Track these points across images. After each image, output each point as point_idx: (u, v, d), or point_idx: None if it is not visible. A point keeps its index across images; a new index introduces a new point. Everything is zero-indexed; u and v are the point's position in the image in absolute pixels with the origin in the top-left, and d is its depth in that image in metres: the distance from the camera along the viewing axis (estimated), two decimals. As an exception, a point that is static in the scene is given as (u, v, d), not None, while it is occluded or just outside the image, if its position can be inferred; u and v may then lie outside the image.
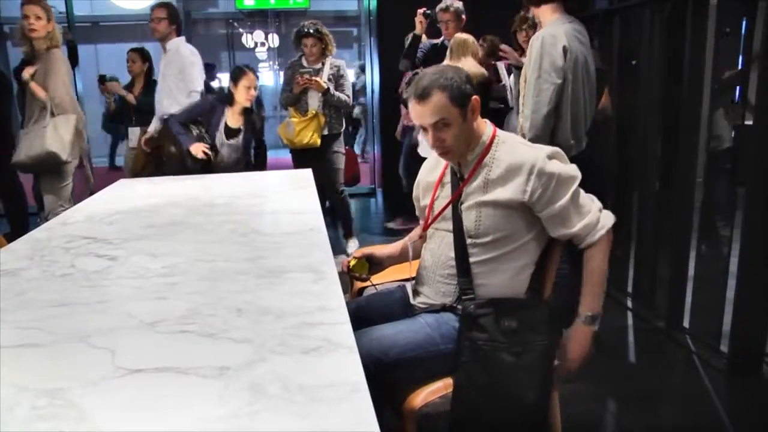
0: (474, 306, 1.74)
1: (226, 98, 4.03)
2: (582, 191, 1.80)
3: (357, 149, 8.87)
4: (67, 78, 3.76)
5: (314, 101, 4.42)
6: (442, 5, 4.47)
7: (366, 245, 3.44)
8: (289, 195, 2.81)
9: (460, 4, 4.46)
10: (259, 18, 11.82)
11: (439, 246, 1.90)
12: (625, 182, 3.69)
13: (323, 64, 4.46)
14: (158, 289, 1.59)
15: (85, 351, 1.23)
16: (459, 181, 1.86)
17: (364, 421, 0.95)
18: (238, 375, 1.10)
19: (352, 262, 2.04)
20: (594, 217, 1.78)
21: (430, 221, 1.94)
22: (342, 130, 4.61)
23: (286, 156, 4.84)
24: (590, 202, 1.81)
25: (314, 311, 1.38)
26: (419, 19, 4.45)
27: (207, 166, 3.92)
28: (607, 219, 1.80)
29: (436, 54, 4.36)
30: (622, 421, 2.53)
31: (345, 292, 1.58)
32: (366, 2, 7.21)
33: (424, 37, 4.56)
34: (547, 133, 2.63)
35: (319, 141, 4.42)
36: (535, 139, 2.63)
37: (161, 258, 1.85)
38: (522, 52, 3.62)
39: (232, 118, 4.03)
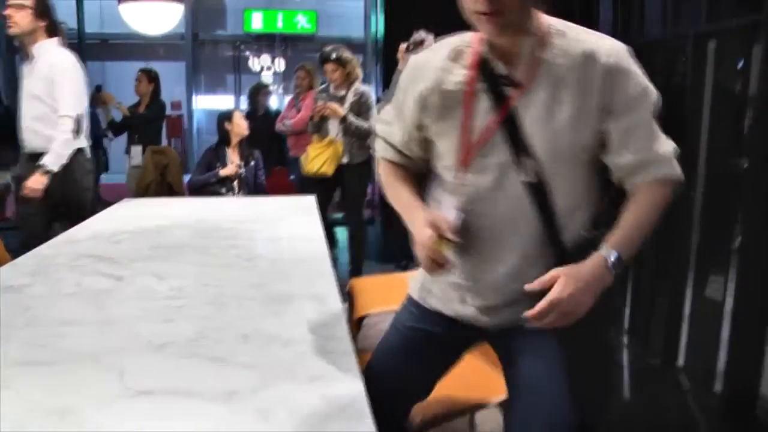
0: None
1: (223, 139, 4.18)
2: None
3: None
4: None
5: (333, 129, 4.39)
6: (415, 38, 4.46)
7: (369, 274, 3.48)
8: (293, 222, 2.85)
9: (431, 38, 4.46)
10: (266, 42, 11.98)
11: (499, 199, 1.36)
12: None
13: (348, 90, 4.43)
14: (165, 311, 1.61)
15: (94, 370, 1.26)
16: (501, 85, 1.34)
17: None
18: (245, 400, 1.12)
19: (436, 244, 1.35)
20: (670, 150, 1.35)
21: (469, 153, 1.38)
22: (365, 159, 4.51)
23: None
24: (662, 135, 1.36)
25: (320, 340, 1.41)
26: (401, 55, 4.41)
27: (231, 191, 4.06)
28: (678, 170, 1.36)
29: None
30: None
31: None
32: (373, 29, 7.31)
33: None
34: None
35: (331, 171, 4.35)
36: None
37: (168, 280, 1.88)
38: None
39: (233, 154, 4.17)
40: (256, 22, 11.43)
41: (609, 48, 1.31)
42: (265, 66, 11.69)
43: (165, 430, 1.03)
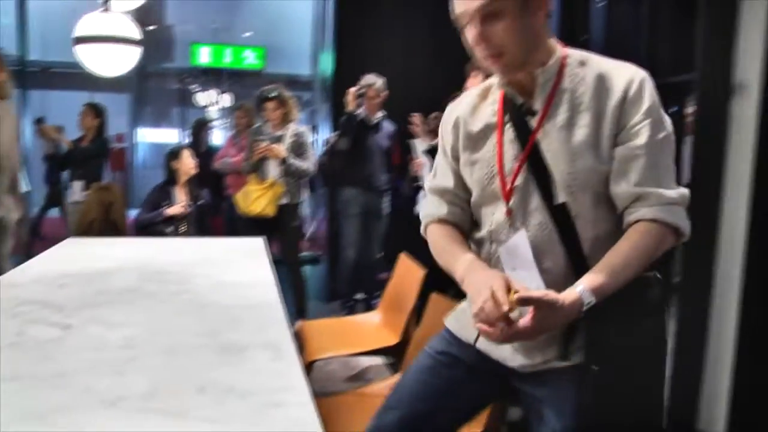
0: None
1: (171, 178, 4.19)
2: (671, 157, 1.35)
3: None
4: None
5: (273, 170, 4.36)
6: (367, 81, 4.53)
7: (319, 317, 3.48)
8: (243, 265, 2.83)
9: (381, 82, 4.55)
10: (212, 76, 11.93)
11: (527, 229, 1.39)
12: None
13: (285, 131, 4.41)
14: (117, 363, 1.58)
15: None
16: (526, 115, 1.40)
17: None
18: (204, 459, 1.11)
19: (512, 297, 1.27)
20: (670, 194, 1.31)
21: (509, 184, 1.41)
22: (301, 200, 4.56)
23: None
24: (672, 176, 1.34)
25: (278, 391, 1.41)
26: (351, 98, 4.45)
27: (177, 231, 4.01)
28: (685, 222, 1.33)
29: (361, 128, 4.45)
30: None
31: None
32: (324, 66, 7.38)
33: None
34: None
35: (273, 212, 4.32)
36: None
37: (118, 328, 1.84)
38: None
39: (180, 194, 4.13)
40: (204, 57, 11.38)
41: (627, 76, 1.34)
42: (212, 101, 11.62)
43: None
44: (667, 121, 1.36)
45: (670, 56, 3.01)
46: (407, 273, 2.95)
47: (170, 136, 12.11)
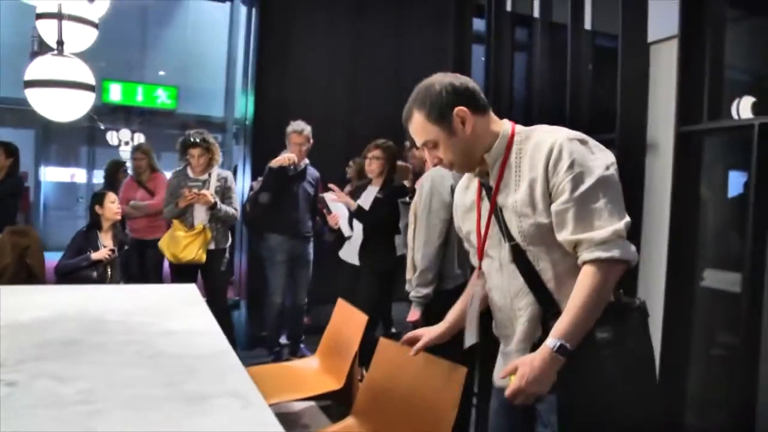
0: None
1: (94, 222, 4.14)
2: (607, 196, 1.54)
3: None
4: None
5: (200, 215, 4.35)
6: (295, 127, 4.59)
7: (245, 362, 3.46)
8: (183, 312, 2.81)
9: (309, 129, 4.64)
10: (123, 114, 11.64)
11: (503, 276, 1.71)
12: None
13: (210, 175, 4.44)
14: (79, 419, 1.56)
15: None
16: (489, 189, 1.71)
17: None
18: None
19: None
20: (601, 235, 1.51)
21: (481, 246, 1.75)
22: (228, 245, 4.55)
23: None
24: (608, 217, 1.52)
25: (255, 441, 1.45)
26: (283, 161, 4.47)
27: (103, 277, 3.90)
28: (623, 250, 1.52)
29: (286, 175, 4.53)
30: None
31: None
32: (243, 109, 7.39)
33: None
34: (437, 263, 2.88)
35: (204, 257, 4.31)
36: (426, 270, 2.88)
37: (71, 382, 1.81)
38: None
39: (105, 238, 4.05)
40: (115, 94, 11.11)
41: (551, 142, 1.58)
42: (123, 140, 11.33)
43: None
44: (597, 166, 1.55)
45: (591, 114, 3.27)
46: (347, 318, 3.02)
47: (78, 175, 11.68)
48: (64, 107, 2.49)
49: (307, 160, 4.64)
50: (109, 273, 3.94)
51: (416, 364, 2.21)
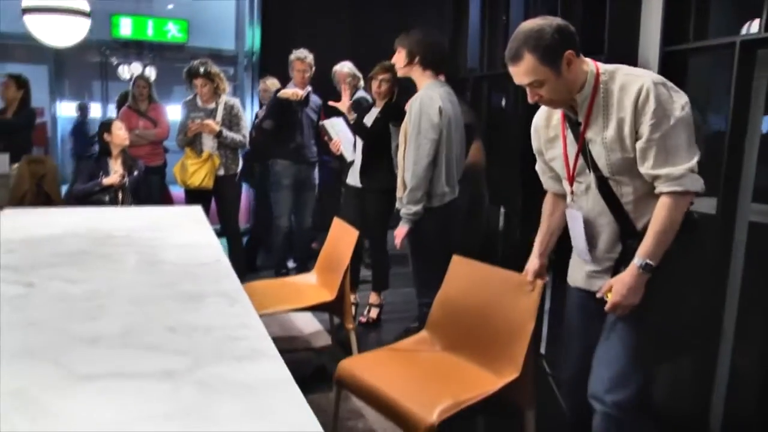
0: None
1: (104, 149, 4.26)
2: (683, 136, 1.76)
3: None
4: None
5: (208, 143, 4.50)
6: (298, 54, 4.66)
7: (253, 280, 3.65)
8: (187, 230, 2.99)
9: (311, 56, 4.71)
10: (134, 49, 11.66)
11: (588, 198, 1.96)
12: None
13: (217, 103, 4.55)
14: (88, 311, 1.75)
15: (33, 362, 1.39)
16: (577, 126, 1.90)
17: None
18: (184, 376, 1.33)
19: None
20: (677, 171, 1.75)
21: (572, 173, 1.97)
22: (238, 170, 4.70)
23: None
24: (684, 155, 1.76)
25: (237, 328, 1.63)
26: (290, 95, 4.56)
27: (114, 201, 4.07)
28: (694, 183, 1.77)
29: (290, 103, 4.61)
30: None
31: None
32: (250, 41, 7.41)
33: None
34: (426, 181, 3.02)
35: (212, 183, 4.48)
36: (415, 188, 3.01)
37: (80, 284, 2.00)
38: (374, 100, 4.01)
39: (115, 164, 4.20)
40: (125, 29, 11.09)
41: (637, 87, 1.76)
42: (135, 74, 11.38)
43: (113, 407, 1.20)
44: (676, 108, 1.76)
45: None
46: (341, 236, 3.19)
47: (93, 110, 11.81)
48: (60, 33, 2.60)
49: (309, 87, 4.73)
50: (120, 197, 4.12)
51: (492, 279, 2.35)
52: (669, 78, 2.63)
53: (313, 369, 3.33)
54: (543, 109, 2.06)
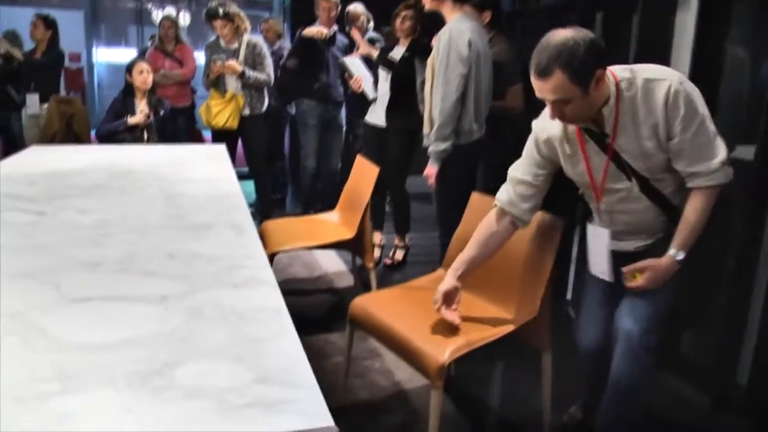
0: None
1: (129, 90, 4.23)
2: (711, 129, 1.75)
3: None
4: None
5: (232, 83, 4.44)
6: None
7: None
8: (206, 166, 2.96)
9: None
10: (169, -7, 11.60)
11: (629, 202, 1.88)
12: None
13: (240, 43, 4.48)
14: (93, 237, 1.74)
15: (32, 284, 1.38)
16: (602, 137, 1.82)
17: (288, 333, 1.17)
18: (176, 302, 1.29)
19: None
20: (711, 167, 1.74)
21: (601, 186, 1.90)
22: (263, 110, 4.63)
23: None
24: (715, 149, 1.75)
25: (240, 258, 1.59)
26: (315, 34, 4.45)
27: (140, 140, 4.08)
28: (725, 176, 1.77)
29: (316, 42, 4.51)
30: None
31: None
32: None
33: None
34: (454, 118, 2.91)
35: (236, 124, 4.44)
36: (443, 125, 2.90)
37: (91, 214, 1.99)
38: (397, 39, 3.88)
39: (140, 104, 4.18)
40: (159, -28, 11.05)
41: (663, 91, 1.71)
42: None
43: (101, 328, 1.18)
44: (699, 104, 1.73)
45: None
46: (362, 173, 3.12)
47: (129, 55, 11.85)
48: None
49: (335, 27, 4.61)
50: (146, 136, 4.10)
51: None
52: (710, 27, 2.48)
53: (332, 309, 3.33)
54: (559, 125, 1.91)
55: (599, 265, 1.98)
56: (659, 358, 1.94)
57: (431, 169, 2.99)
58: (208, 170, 2.83)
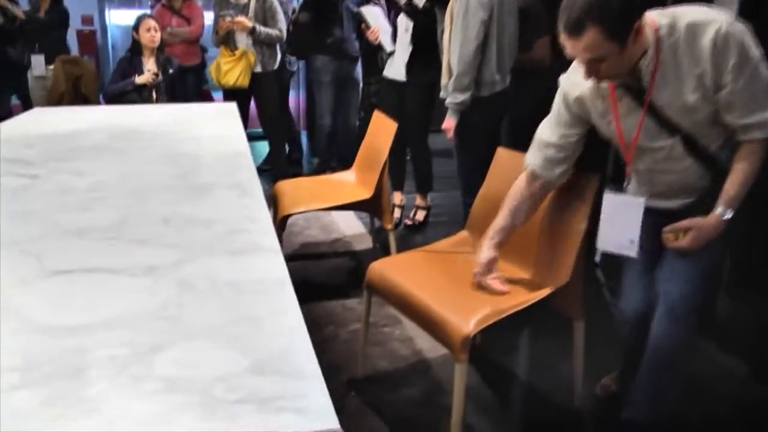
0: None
1: (136, 48, 4.06)
2: (765, 72, 1.55)
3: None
4: None
5: (242, 40, 4.24)
6: None
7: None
8: (214, 124, 2.81)
9: None
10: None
11: (669, 161, 1.69)
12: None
13: None
14: (85, 202, 1.60)
15: (12, 255, 1.25)
16: (639, 93, 1.63)
17: (290, 310, 1.02)
18: (166, 273, 1.15)
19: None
20: (764, 117, 1.55)
21: (633, 143, 1.70)
22: (276, 66, 4.43)
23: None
24: (765, 98, 1.56)
25: (241, 220, 1.44)
26: None
27: (149, 100, 3.92)
28: None
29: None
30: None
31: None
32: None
33: None
34: (474, 66, 2.71)
35: (247, 82, 4.24)
36: (462, 74, 2.71)
37: (87, 176, 1.85)
38: None
39: (148, 62, 4.01)
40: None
41: (711, 34, 1.51)
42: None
43: (77, 305, 1.04)
44: (752, 46, 1.53)
45: None
46: (380, 128, 2.94)
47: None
48: None
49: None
50: (155, 96, 3.95)
51: None
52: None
53: (350, 273, 3.18)
54: (590, 81, 1.70)
55: (630, 238, 1.77)
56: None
57: (450, 122, 2.80)
58: (216, 129, 2.67)
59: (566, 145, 1.81)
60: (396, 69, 3.67)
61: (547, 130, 1.83)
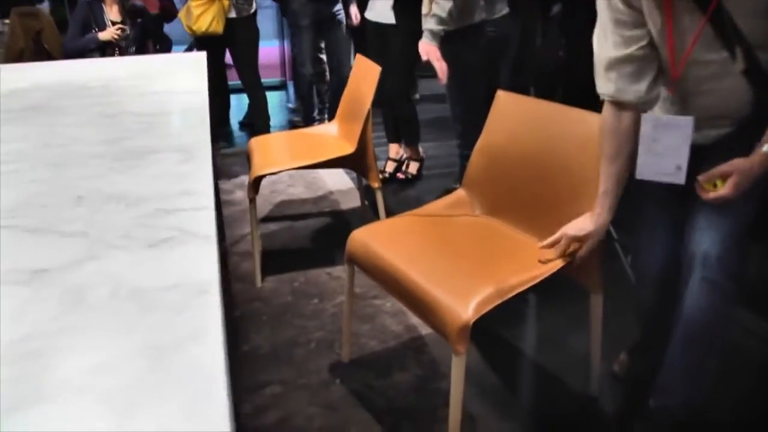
0: None
1: None
2: None
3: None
4: None
5: None
6: None
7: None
8: (176, 77, 2.47)
9: None
10: None
11: (721, 80, 1.43)
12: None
13: None
14: (-10, 178, 1.30)
15: None
16: None
17: (207, 331, 0.73)
18: (54, 279, 0.86)
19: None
20: None
21: (686, 53, 1.42)
22: (252, 11, 4.03)
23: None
24: None
25: (174, 196, 1.14)
26: None
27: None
28: None
29: None
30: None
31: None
32: None
33: None
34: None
35: (221, 28, 3.85)
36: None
37: (5, 144, 1.54)
38: None
39: (111, 11, 3.61)
40: None
41: None
42: None
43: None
44: None
45: None
46: (362, 75, 2.60)
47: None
48: None
49: None
50: (118, 53, 3.57)
51: (549, 120, 1.73)
52: None
53: (337, 235, 2.88)
54: None
55: (676, 163, 1.47)
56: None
57: (428, 46, 2.47)
58: (176, 82, 2.34)
59: (638, 53, 1.46)
60: (378, 11, 3.30)
61: (607, 45, 1.49)
